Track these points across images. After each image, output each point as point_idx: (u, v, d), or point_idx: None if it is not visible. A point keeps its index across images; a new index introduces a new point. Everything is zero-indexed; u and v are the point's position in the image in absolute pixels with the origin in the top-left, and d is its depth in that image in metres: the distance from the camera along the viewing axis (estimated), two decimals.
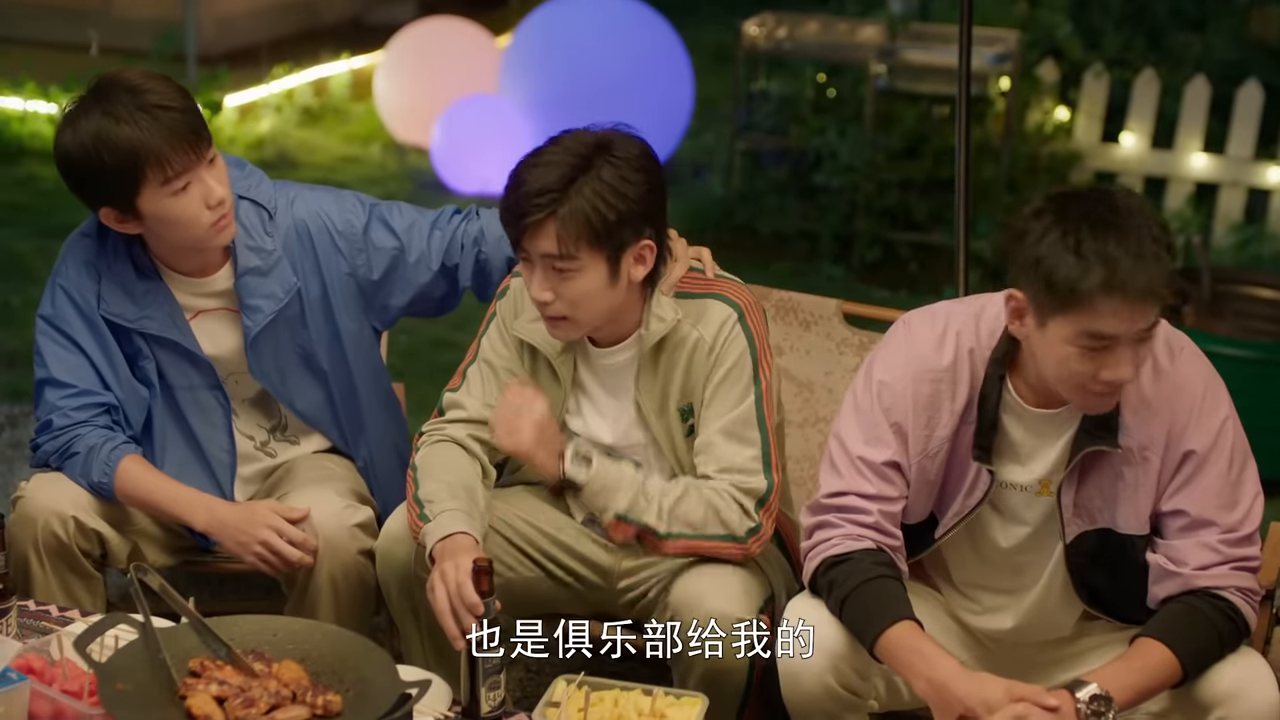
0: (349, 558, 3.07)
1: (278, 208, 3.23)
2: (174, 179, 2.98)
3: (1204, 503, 2.68)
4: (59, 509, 3.05)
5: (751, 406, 2.95)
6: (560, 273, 2.85)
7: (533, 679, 3.67)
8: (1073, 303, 2.50)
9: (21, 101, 8.23)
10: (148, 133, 2.95)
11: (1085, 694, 2.52)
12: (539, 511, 3.14)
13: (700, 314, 2.96)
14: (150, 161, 2.96)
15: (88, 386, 3.13)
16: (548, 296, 2.87)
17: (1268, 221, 7.32)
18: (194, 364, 3.19)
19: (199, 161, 3.01)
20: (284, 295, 3.19)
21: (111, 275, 3.14)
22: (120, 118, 2.95)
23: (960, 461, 2.79)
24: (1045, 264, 2.53)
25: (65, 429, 3.11)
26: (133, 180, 2.97)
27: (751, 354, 2.95)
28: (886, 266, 7.03)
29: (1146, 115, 7.48)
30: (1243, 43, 8.58)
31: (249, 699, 2.45)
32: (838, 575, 2.73)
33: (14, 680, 2.47)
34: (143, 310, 3.14)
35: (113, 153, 2.95)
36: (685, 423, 3.00)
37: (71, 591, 3.09)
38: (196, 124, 3.01)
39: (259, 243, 3.18)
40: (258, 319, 3.17)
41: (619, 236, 2.84)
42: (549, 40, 7.69)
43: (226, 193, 3.07)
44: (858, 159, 7.02)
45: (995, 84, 7.19)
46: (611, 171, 2.83)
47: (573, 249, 2.82)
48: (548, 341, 3.02)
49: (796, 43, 7.55)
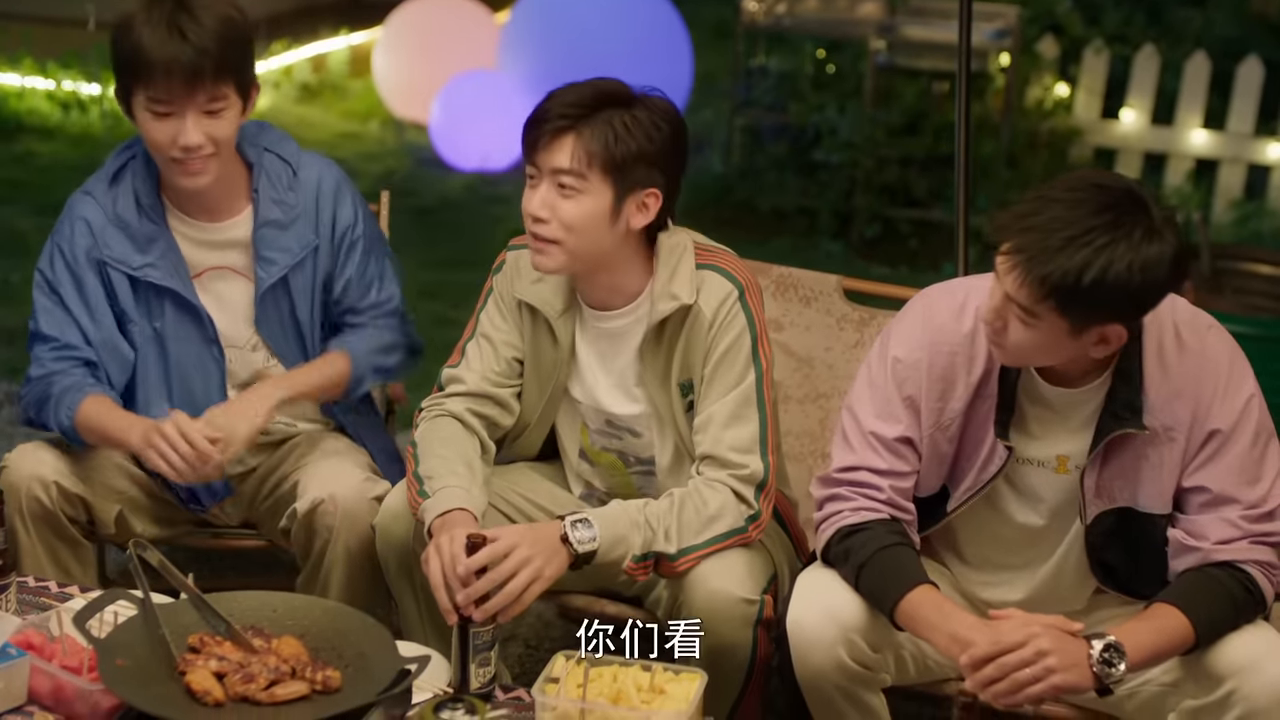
0: (365, 530, 3.06)
1: (302, 165, 3.24)
2: (156, 101, 3.00)
3: (1226, 479, 2.68)
4: (40, 474, 3.06)
5: (751, 386, 2.94)
6: (564, 190, 2.85)
7: (531, 655, 3.68)
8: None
9: (19, 78, 8.21)
10: (154, 45, 2.97)
11: (1098, 643, 2.53)
12: (538, 487, 3.14)
13: (698, 285, 2.96)
14: (141, 71, 2.99)
15: (69, 340, 3.15)
16: (545, 214, 2.86)
17: (1268, 198, 7.32)
18: (195, 319, 3.19)
19: (187, 99, 3.00)
20: (300, 251, 3.20)
21: (118, 223, 3.15)
22: (150, 16, 2.98)
23: (974, 435, 2.78)
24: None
25: (42, 378, 3.13)
26: (128, 78, 3.03)
27: (751, 333, 2.95)
28: (886, 243, 7.03)
29: (1146, 91, 7.47)
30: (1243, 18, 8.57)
31: (248, 674, 2.45)
32: (854, 544, 2.73)
33: (14, 656, 2.47)
34: (146, 258, 3.15)
35: (123, 44, 3.00)
36: (685, 398, 2.99)
37: (60, 560, 3.10)
38: (205, 65, 2.97)
39: (281, 196, 3.20)
40: (272, 271, 3.18)
41: (632, 174, 2.85)
42: (548, 16, 7.67)
43: (203, 143, 3.03)
44: (857, 135, 7.01)
45: (995, 60, 7.18)
46: (643, 112, 2.87)
47: (584, 168, 2.83)
48: (548, 303, 3.01)
49: (796, 18, 7.54)
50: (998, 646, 2.52)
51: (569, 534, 2.76)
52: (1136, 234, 2.50)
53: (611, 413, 3.05)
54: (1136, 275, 2.49)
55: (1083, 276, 2.48)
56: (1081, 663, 2.52)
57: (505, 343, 3.08)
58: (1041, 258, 2.51)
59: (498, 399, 3.07)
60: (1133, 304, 2.57)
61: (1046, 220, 2.53)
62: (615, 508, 2.85)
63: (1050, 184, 2.61)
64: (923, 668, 2.85)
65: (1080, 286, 2.49)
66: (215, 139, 3.05)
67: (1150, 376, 2.68)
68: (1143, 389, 2.68)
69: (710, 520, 2.86)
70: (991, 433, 2.75)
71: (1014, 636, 2.52)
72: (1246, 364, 2.74)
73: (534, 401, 3.10)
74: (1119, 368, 2.69)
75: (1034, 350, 2.64)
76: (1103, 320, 2.57)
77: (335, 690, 2.47)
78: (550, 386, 3.06)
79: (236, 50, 3.04)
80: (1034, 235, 2.52)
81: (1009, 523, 2.84)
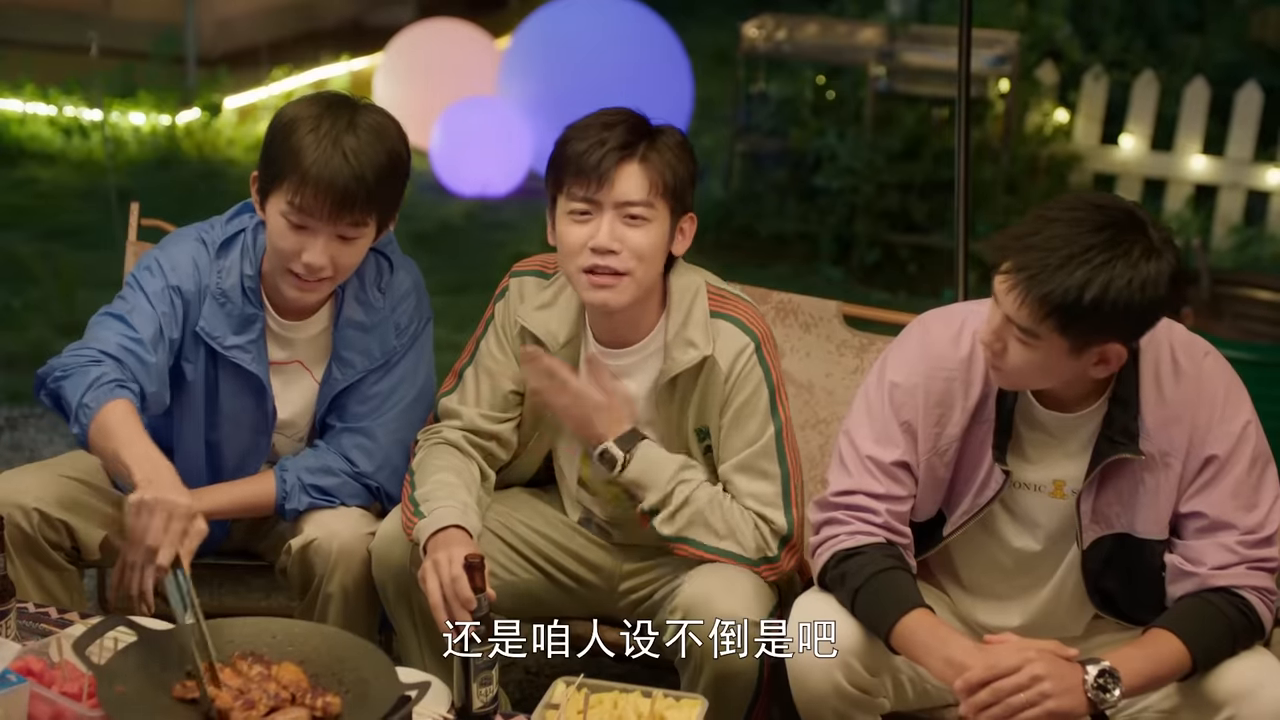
0: (361, 567, 3.04)
1: (398, 265, 3.14)
2: (296, 210, 2.91)
3: (1223, 505, 2.68)
4: (21, 502, 3.00)
5: (771, 440, 2.94)
6: (633, 221, 2.86)
7: (532, 681, 3.67)
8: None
9: (21, 103, 8.24)
10: (314, 157, 2.88)
11: (1093, 669, 2.53)
12: (535, 513, 3.14)
13: (714, 336, 2.95)
14: (292, 176, 2.90)
15: (144, 337, 2.98)
16: (615, 246, 2.86)
17: (1267, 223, 7.33)
18: (259, 404, 3.11)
19: (328, 220, 2.91)
20: (381, 357, 3.12)
21: (220, 297, 3.05)
22: (319, 126, 2.91)
23: (971, 459, 2.79)
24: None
25: (93, 351, 2.92)
26: (275, 176, 2.94)
27: (769, 386, 2.94)
28: (886, 268, 7.04)
29: (1146, 117, 7.48)
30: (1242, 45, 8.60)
31: (249, 701, 2.45)
32: (850, 568, 2.73)
33: (13, 682, 2.47)
34: (238, 339, 3.06)
35: (281, 140, 2.93)
36: (702, 443, 2.99)
37: (45, 585, 3.05)
38: (358, 193, 2.89)
39: (368, 296, 3.11)
40: (348, 374, 3.11)
41: (683, 199, 2.91)
42: (548, 42, 7.69)
43: (326, 265, 2.94)
44: (857, 161, 7.03)
45: (995, 86, 7.20)
46: (674, 138, 2.92)
47: (654, 196, 2.86)
48: (551, 333, 3.01)
49: (796, 44, 7.55)
50: (993, 671, 2.52)
51: (610, 447, 2.89)
52: (1135, 252, 2.50)
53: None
54: (1137, 293, 2.50)
55: (1084, 294, 2.49)
56: (1076, 688, 2.51)
57: (503, 375, 3.06)
58: (1042, 276, 2.51)
59: (495, 435, 3.07)
60: (1133, 322, 2.57)
61: (1046, 239, 2.53)
62: (658, 459, 2.91)
63: (1048, 204, 2.61)
64: (921, 693, 2.85)
65: (1081, 305, 2.49)
66: (338, 264, 2.96)
67: (1146, 401, 2.69)
68: (1139, 414, 2.69)
69: (730, 533, 2.88)
70: (988, 457, 2.76)
71: (1009, 661, 2.52)
72: (1243, 390, 2.74)
73: (531, 428, 3.09)
74: (1115, 393, 2.70)
75: (1034, 372, 2.64)
76: (1102, 339, 2.57)
77: (335, 716, 2.47)
78: (549, 415, 3.05)
79: (391, 186, 2.97)
80: (1034, 254, 2.53)
81: (1006, 547, 2.84)
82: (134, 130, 8.14)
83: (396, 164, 2.97)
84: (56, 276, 5.98)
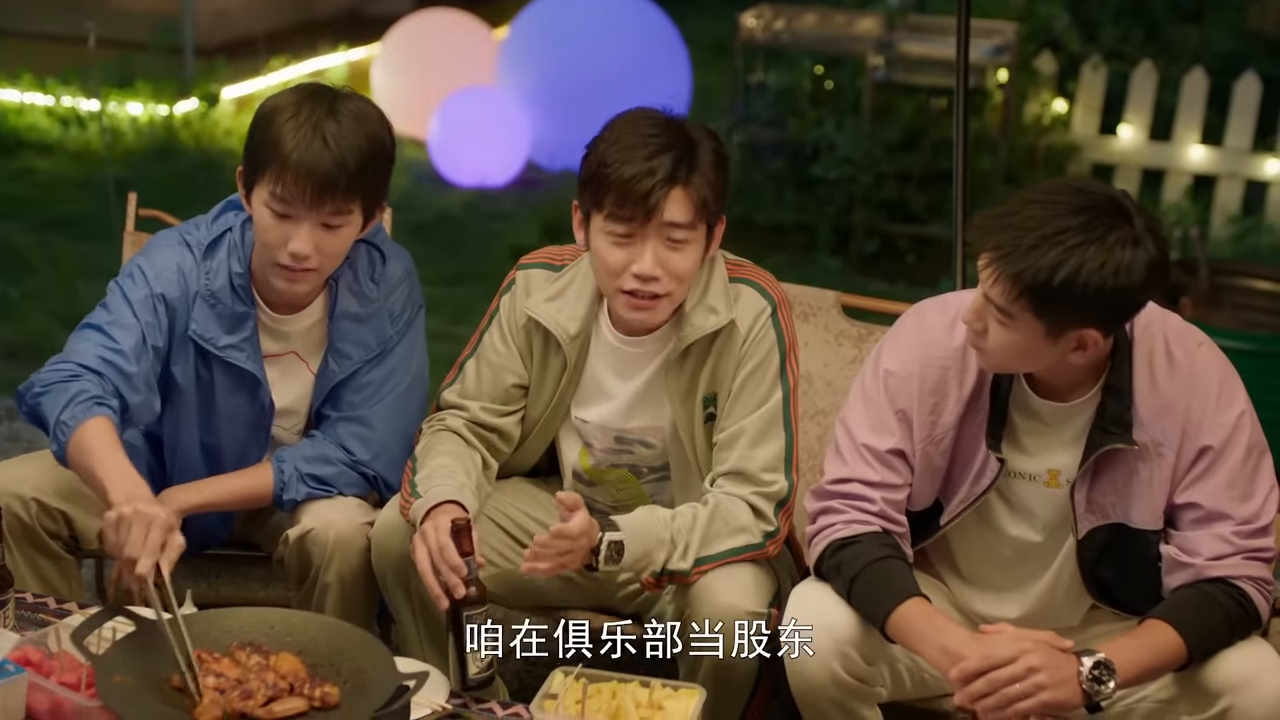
0: (358, 557, 3.04)
1: (390, 254, 3.14)
2: (279, 200, 2.92)
3: (1218, 495, 2.68)
4: (19, 492, 3.01)
5: (779, 404, 2.95)
6: (675, 244, 2.85)
7: (530, 671, 3.67)
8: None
9: (18, 94, 8.22)
10: (295, 144, 2.88)
11: (1089, 660, 2.53)
12: (535, 502, 3.14)
13: (734, 299, 2.96)
14: (273, 165, 2.90)
15: (125, 347, 2.96)
16: (659, 272, 2.86)
17: (1265, 213, 7.33)
18: (254, 398, 3.11)
19: (311, 207, 2.91)
20: (376, 347, 3.12)
21: (210, 299, 3.04)
22: (299, 114, 2.91)
23: (966, 448, 2.79)
24: None
25: (72, 365, 2.91)
26: (257, 167, 2.94)
27: (780, 350, 2.96)
28: (884, 258, 7.04)
29: (1144, 107, 7.48)
30: (1241, 34, 8.59)
31: (246, 691, 2.45)
32: (845, 557, 2.73)
33: (11, 672, 2.47)
34: (230, 338, 3.05)
35: (263, 131, 2.93)
36: (705, 410, 2.99)
37: (43, 575, 3.06)
38: (339, 179, 2.88)
39: (361, 287, 3.11)
40: (345, 365, 3.10)
41: (718, 210, 2.91)
42: (546, 32, 7.69)
43: (311, 254, 2.94)
44: (855, 151, 7.02)
45: (993, 76, 7.20)
46: (710, 144, 2.90)
47: (696, 219, 2.85)
48: (561, 326, 3.00)
49: (794, 34, 7.55)
50: (988, 661, 2.52)
51: (600, 555, 2.77)
52: (1111, 238, 2.51)
53: (622, 429, 3.05)
54: (1109, 278, 2.50)
55: (1054, 276, 2.50)
56: (1071, 679, 2.52)
57: (506, 369, 3.06)
58: (1014, 256, 2.53)
59: (497, 428, 3.07)
60: (1106, 308, 2.57)
61: (1022, 219, 2.55)
62: (644, 521, 2.84)
63: (1032, 187, 2.63)
64: (919, 682, 2.85)
65: (1051, 286, 2.51)
66: (324, 253, 2.96)
67: (1140, 392, 2.69)
68: (1132, 404, 2.69)
69: (735, 532, 2.87)
70: (984, 446, 2.76)
71: (1005, 652, 2.52)
72: (1238, 380, 2.74)
73: (534, 419, 3.09)
74: (1108, 382, 2.70)
75: (1013, 354, 2.64)
76: (1077, 324, 2.58)
77: (333, 706, 2.47)
78: (552, 406, 3.06)
79: (374, 172, 2.95)
80: (1008, 234, 2.55)
81: (1003, 537, 2.84)
82: (131, 120, 8.13)
83: (378, 150, 2.96)
84: (54, 267, 5.98)
